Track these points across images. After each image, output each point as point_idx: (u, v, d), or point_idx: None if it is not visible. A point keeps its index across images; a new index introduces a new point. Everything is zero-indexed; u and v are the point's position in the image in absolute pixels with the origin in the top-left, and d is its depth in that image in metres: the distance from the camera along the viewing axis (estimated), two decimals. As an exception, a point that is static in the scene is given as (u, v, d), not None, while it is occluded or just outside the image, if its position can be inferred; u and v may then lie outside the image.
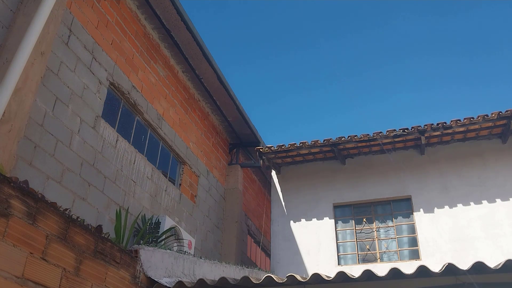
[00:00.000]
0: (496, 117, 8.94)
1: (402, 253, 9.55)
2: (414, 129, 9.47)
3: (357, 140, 9.78)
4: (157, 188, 7.61)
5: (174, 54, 8.60)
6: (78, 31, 6.11)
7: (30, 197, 3.30)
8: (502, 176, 9.45)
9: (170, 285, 4.63)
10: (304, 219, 10.44)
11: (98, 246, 3.95)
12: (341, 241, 10.08)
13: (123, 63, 7.11)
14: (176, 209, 8.12)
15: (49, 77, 5.48)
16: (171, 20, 7.82)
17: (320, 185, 10.67)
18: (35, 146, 5.11)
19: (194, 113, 9.37)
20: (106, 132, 6.47)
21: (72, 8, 6.04)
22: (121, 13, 7.23)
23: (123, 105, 7.17)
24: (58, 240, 3.50)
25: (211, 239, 9.29)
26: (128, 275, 4.31)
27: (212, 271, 5.85)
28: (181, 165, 8.73)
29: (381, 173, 10.31)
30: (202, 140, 9.60)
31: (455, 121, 9.21)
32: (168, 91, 8.43)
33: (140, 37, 7.70)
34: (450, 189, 9.71)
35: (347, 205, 10.38)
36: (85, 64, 6.21)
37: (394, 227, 9.85)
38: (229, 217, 10.06)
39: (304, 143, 10.09)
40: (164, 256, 4.96)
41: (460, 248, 9.08)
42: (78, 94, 5.97)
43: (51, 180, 5.26)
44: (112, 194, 6.38)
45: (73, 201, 5.57)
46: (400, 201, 10.06)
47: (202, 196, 9.21)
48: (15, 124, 4.63)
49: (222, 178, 10.37)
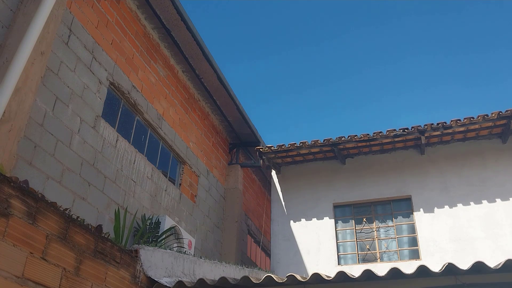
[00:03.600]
0: (496, 117, 8.94)
1: (402, 253, 9.56)
2: (414, 129, 9.47)
3: (357, 140, 9.79)
4: (157, 188, 7.61)
5: (174, 54, 8.60)
6: (78, 31, 6.11)
7: (30, 197, 3.30)
8: (502, 176, 9.45)
9: (170, 284, 4.63)
10: (304, 219, 10.45)
11: (98, 246, 3.95)
12: (341, 241, 10.08)
13: (123, 63, 7.11)
14: (176, 209, 8.12)
15: (49, 77, 5.48)
16: (171, 19, 7.82)
17: (320, 184, 10.67)
18: (35, 146, 5.11)
19: (194, 113, 9.37)
20: (106, 132, 6.47)
21: (72, 8, 6.04)
22: (121, 13, 7.23)
23: (123, 105, 7.17)
24: (58, 240, 3.50)
25: (211, 238, 9.29)
26: (128, 275, 4.32)
27: (212, 270, 5.85)
28: (181, 165, 8.73)
29: (381, 173, 10.31)
30: (202, 140, 9.60)
31: (455, 121, 9.22)
32: (168, 91, 8.43)
33: (140, 37, 7.70)
34: (450, 189, 9.71)
35: (347, 204, 10.38)
36: (85, 64, 6.21)
37: (394, 227, 9.85)
38: (229, 217, 10.06)
39: (304, 143, 10.09)
40: (164, 256, 4.96)
41: (460, 248, 9.08)
42: (78, 94, 5.97)
43: (51, 179, 5.26)
44: (112, 194, 6.38)
45: (73, 201, 5.57)
46: (400, 201, 10.06)
47: (202, 196, 9.21)
48: (15, 124, 4.63)
49: (222, 178, 10.37)
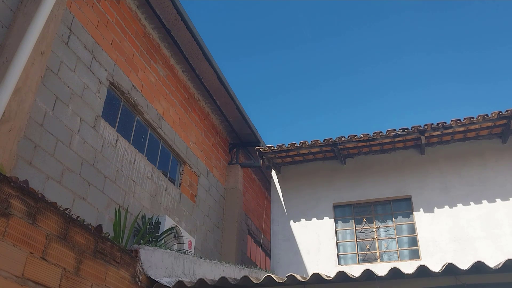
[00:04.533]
0: (496, 116, 8.94)
1: (402, 253, 9.55)
2: (414, 129, 9.47)
3: (357, 139, 9.79)
4: (157, 187, 7.61)
5: (174, 53, 8.60)
6: (78, 30, 6.11)
7: (30, 196, 3.30)
8: (502, 176, 9.45)
9: (170, 284, 4.63)
10: (304, 219, 10.45)
11: (98, 245, 3.95)
12: (341, 240, 10.08)
13: (123, 63, 7.11)
14: (176, 209, 8.12)
15: (49, 77, 5.48)
16: (171, 19, 7.82)
17: (320, 184, 10.67)
18: (35, 146, 5.11)
19: (194, 112, 9.37)
20: (106, 132, 6.47)
21: (72, 8, 6.04)
22: (121, 13, 7.23)
23: (123, 104, 7.17)
24: (58, 239, 3.50)
25: (211, 238, 9.29)
26: (128, 275, 4.32)
27: (212, 270, 5.85)
28: (181, 165, 8.73)
29: (381, 173, 10.31)
30: (202, 140, 9.60)
31: (455, 121, 9.21)
32: (168, 90, 8.43)
33: (140, 37, 7.70)
34: (450, 189, 9.71)
35: (347, 204, 10.38)
36: (85, 64, 6.21)
37: (394, 227, 9.85)
38: (229, 217, 10.06)
39: (304, 143, 10.09)
40: (164, 256, 4.96)
41: (460, 248, 9.08)
42: (78, 94, 5.97)
43: (51, 179, 5.26)
44: (112, 194, 6.38)
45: (73, 200, 5.57)
46: (400, 200, 10.06)
47: (202, 195, 9.21)
48: (15, 123, 4.63)
49: (222, 177, 10.37)
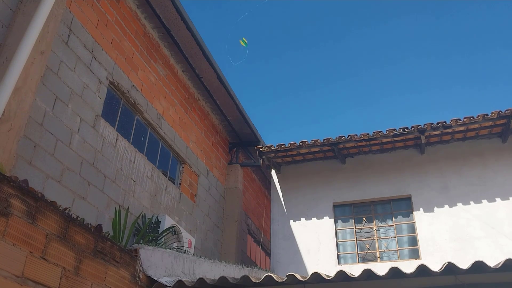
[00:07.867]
0: (496, 116, 8.94)
1: (402, 252, 9.56)
2: (414, 129, 9.47)
3: (357, 139, 9.79)
4: (157, 187, 7.61)
5: (174, 53, 8.60)
6: (78, 30, 6.11)
7: (30, 196, 3.30)
8: (502, 175, 9.46)
9: (170, 284, 4.63)
10: (304, 218, 10.45)
11: (98, 245, 3.95)
12: (341, 240, 10.08)
13: (123, 63, 7.10)
14: (176, 208, 8.12)
15: (49, 76, 5.48)
16: (171, 19, 7.82)
17: (320, 184, 10.67)
18: (35, 145, 5.11)
19: (194, 112, 9.37)
20: (106, 131, 6.47)
21: (72, 7, 6.04)
22: (121, 12, 7.23)
23: (123, 104, 7.16)
24: (58, 239, 3.50)
25: (211, 238, 9.29)
26: (128, 274, 4.31)
27: (212, 270, 5.85)
28: (181, 165, 8.73)
29: (381, 173, 10.31)
30: (202, 140, 9.60)
31: (455, 120, 9.21)
32: (168, 90, 8.42)
33: (140, 36, 7.70)
34: (450, 189, 9.71)
35: (347, 204, 10.39)
36: (85, 63, 6.20)
37: (394, 226, 9.85)
38: (229, 217, 10.06)
39: (304, 143, 10.09)
40: (164, 255, 4.96)
41: (460, 248, 9.08)
42: (78, 93, 5.97)
43: (51, 179, 5.26)
44: (112, 194, 6.38)
45: (73, 200, 5.57)
46: (400, 200, 10.07)
47: (202, 195, 9.21)
48: (15, 123, 4.63)
49: (222, 177, 10.37)
